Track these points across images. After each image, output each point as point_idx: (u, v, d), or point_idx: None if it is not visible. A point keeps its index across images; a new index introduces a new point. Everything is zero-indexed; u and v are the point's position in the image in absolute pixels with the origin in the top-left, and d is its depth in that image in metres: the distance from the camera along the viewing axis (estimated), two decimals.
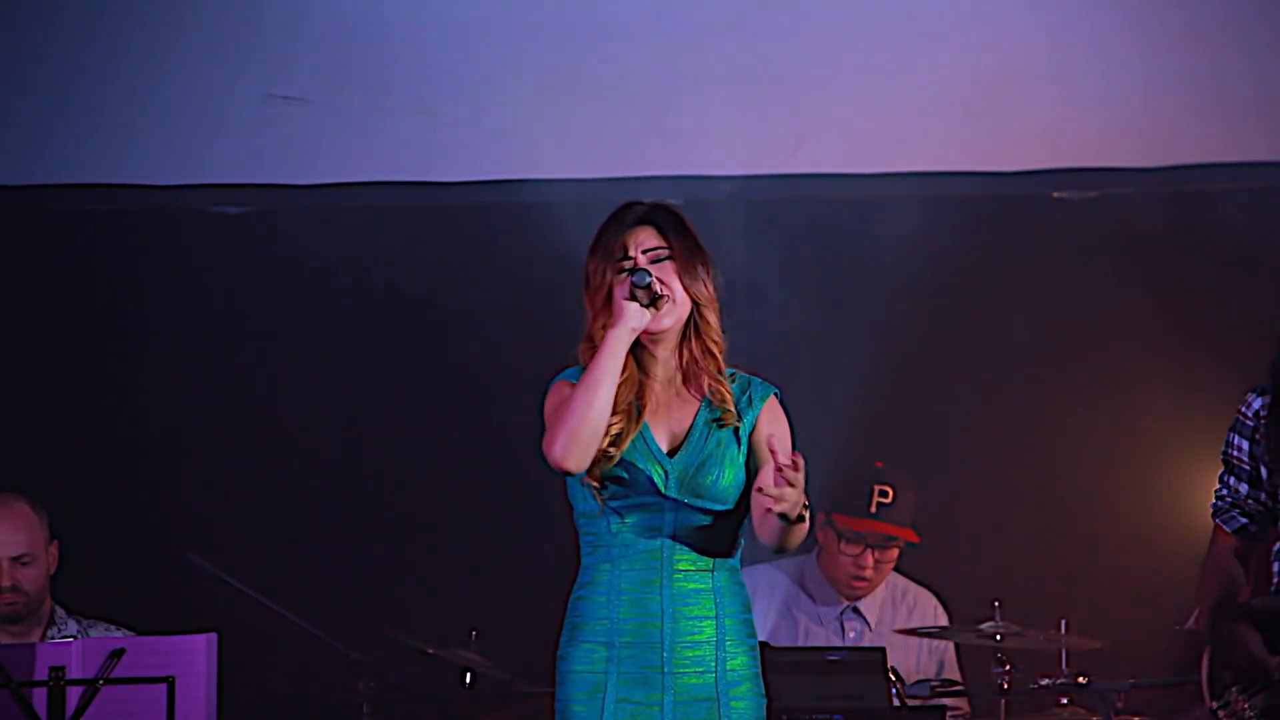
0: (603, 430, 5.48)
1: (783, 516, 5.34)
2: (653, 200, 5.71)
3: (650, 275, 5.50)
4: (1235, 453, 6.08)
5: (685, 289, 5.60)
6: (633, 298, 5.51)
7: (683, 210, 5.70)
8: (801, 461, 5.33)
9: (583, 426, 5.44)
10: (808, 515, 5.45)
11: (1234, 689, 5.99)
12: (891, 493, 8.22)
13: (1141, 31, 8.83)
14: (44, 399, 9.05)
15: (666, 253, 5.60)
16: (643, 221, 5.63)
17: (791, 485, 5.29)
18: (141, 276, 9.07)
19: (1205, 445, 6.30)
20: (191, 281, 9.07)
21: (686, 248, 5.63)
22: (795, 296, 8.60)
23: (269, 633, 8.17)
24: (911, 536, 8.25)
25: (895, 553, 8.35)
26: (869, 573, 8.32)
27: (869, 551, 8.22)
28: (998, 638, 7.89)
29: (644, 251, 5.59)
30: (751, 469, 5.61)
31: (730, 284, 5.71)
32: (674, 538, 5.55)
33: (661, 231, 5.63)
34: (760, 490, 5.38)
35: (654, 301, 5.52)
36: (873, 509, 8.23)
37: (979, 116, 8.88)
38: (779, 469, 5.29)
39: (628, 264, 5.57)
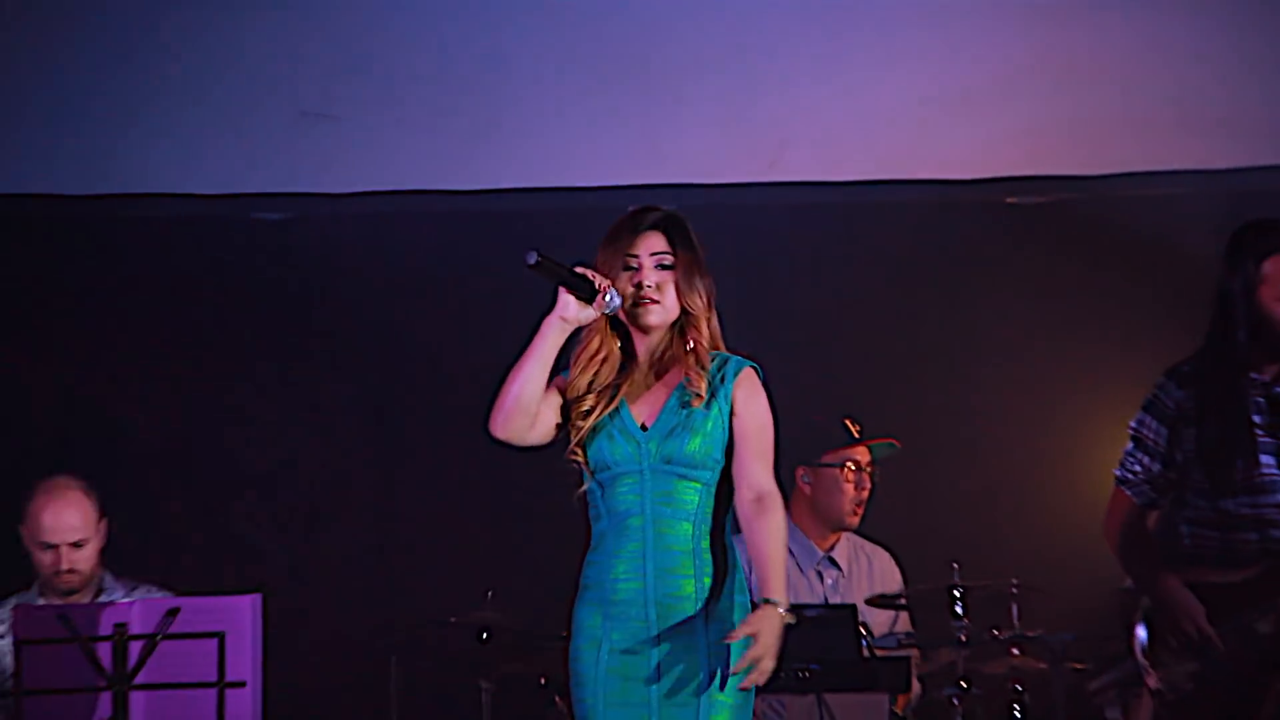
0: (530, 406, 5.52)
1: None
2: (668, 209, 5.68)
3: (537, 260, 5.43)
4: (1151, 435, 6.20)
5: (679, 296, 5.60)
6: (569, 289, 5.49)
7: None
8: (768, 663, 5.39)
9: (509, 400, 5.52)
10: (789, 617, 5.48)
11: (1173, 658, 6.09)
12: (857, 426, 8.27)
13: (1084, 54, 8.86)
14: (106, 387, 8.99)
15: (670, 260, 5.60)
16: (656, 227, 5.62)
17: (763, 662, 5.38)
18: (193, 275, 9.06)
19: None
20: (237, 279, 9.08)
21: (688, 261, 5.61)
22: (774, 287, 8.62)
23: (306, 595, 8.19)
24: (895, 441, 8.29)
25: (869, 482, 8.30)
26: (866, 493, 8.29)
27: (863, 473, 8.24)
28: (957, 594, 7.89)
29: (650, 254, 5.59)
30: (730, 438, 5.59)
31: (721, 280, 5.68)
32: (654, 505, 5.55)
33: (670, 240, 5.61)
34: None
35: (590, 294, 5.50)
36: (856, 434, 8.28)
37: (941, 129, 8.93)
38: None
39: (634, 261, 5.58)
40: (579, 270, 5.52)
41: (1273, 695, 5.94)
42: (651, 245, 5.62)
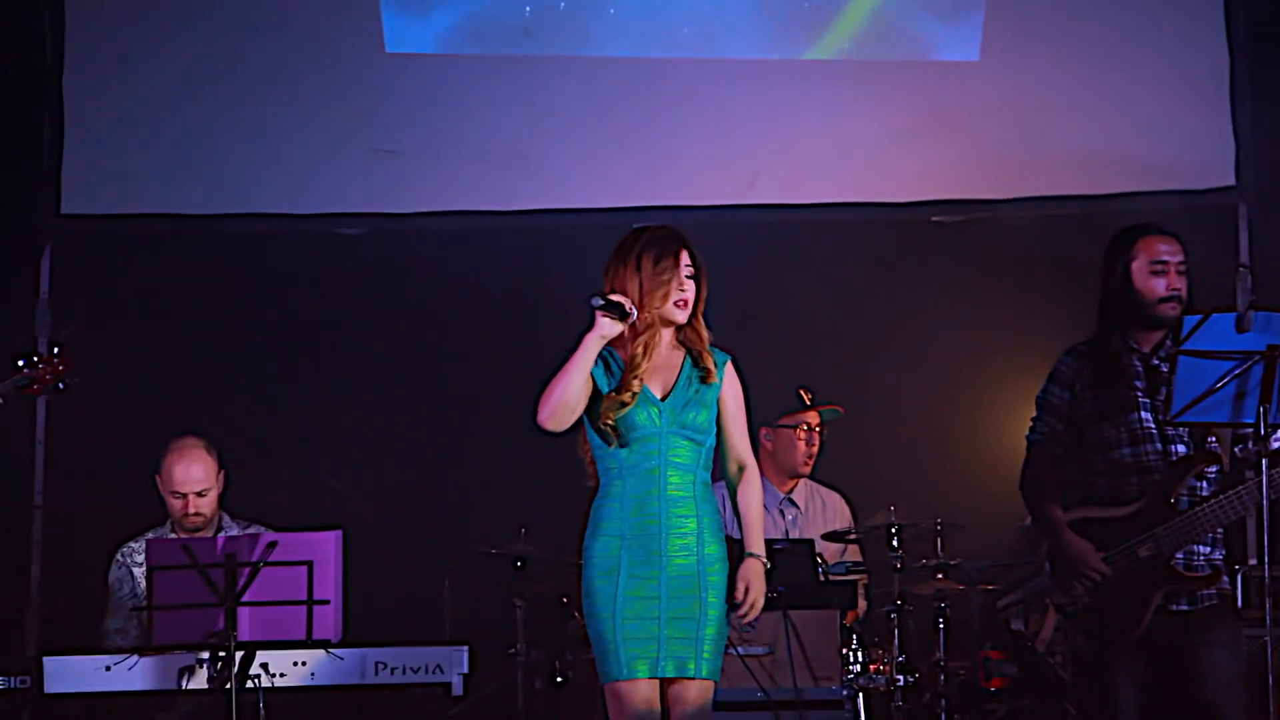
0: (574, 406, 5.56)
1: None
2: (674, 228, 5.72)
3: (602, 303, 5.51)
4: (1054, 398, 6.15)
5: (699, 298, 5.67)
6: (605, 313, 5.52)
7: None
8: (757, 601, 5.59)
9: (556, 401, 5.54)
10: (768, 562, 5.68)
11: (1073, 582, 6.08)
12: (810, 394, 8.25)
13: (993, 103, 8.85)
14: (222, 369, 9.02)
15: (694, 273, 5.65)
16: (686, 247, 5.66)
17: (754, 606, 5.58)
18: (284, 280, 9.03)
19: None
20: (322, 281, 9.06)
21: (702, 272, 5.69)
22: (750, 287, 8.53)
23: (375, 531, 8.19)
24: (839, 408, 8.26)
25: (819, 440, 8.28)
26: (815, 448, 8.24)
27: (814, 432, 8.18)
28: (893, 530, 7.91)
29: (684, 267, 5.62)
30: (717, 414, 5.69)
31: (710, 282, 5.71)
32: (667, 460, 5.61)
33: (693, 258, 5.66)
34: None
35: (623, 316, 5.56)
36: (808, 401, 8.26)
37: (883, 162, 8.90)
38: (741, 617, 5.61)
39: (685, 270, 5.61)
40: (615, 299, 5.55)
41: (1152, 605, 5.94)
42: (684, 260, 5.65)
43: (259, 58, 9.00)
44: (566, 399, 5.56)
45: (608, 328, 5.56)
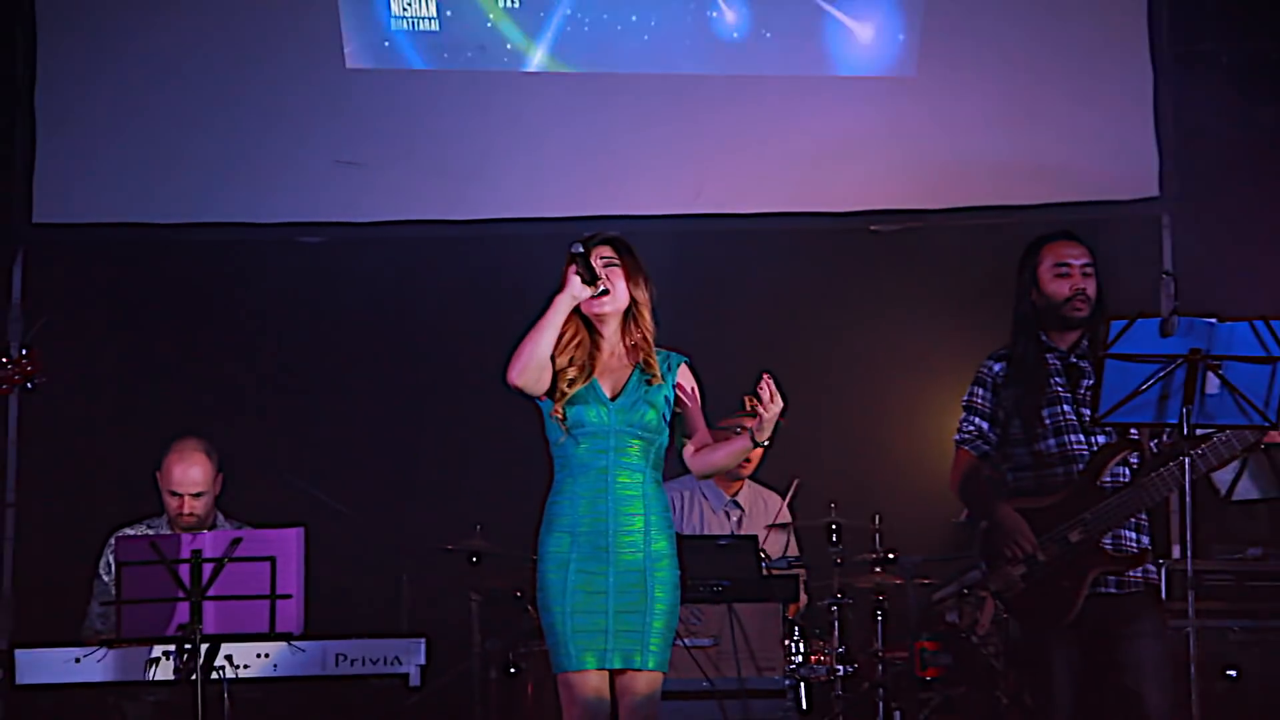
0: (544, 363, 5.59)
1: (755, 440, 5.60)
2: (613, 234, 5.78)
3: (582, 250, 5.58)
4: (979, 400, 6.21)
5: (627, 289, 5.69)
6: (579, 268, 5.57)
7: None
8: (778, 396, 5.57)
9: (529, 358, 5.54)
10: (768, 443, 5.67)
11: (1006, 564, 6.09)
12: (753, 400, 8.23)
13: (925, 119, 8.88)
14: (187, 371, 8.95)
15: (616, 262, 5.67)
16: (604, 242, 5.70)
17: (766, 411, 5.53)
18: (248, 286, 9.02)
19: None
20: (284, 288, 8.98)
21: (630, 263, 5.70)
22: (697, 292, 8.59)
23: (337, 528, 8.13)
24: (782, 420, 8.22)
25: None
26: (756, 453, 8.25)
27: None
28: (834, 527, 7.95)
29: (600, 259, 5.65)
30: (675, 415, 5.72)
31: (660, 286, 5.77)
32: (616, 457, 5.62)
33: (616, 249, 5.70)
34: (744, 413, 5.63)
35: (592, 280, 5.59)
36: (749, 409, 8.25)
37: (823, 174, 8.91)
38: (757, 403, 5.56)
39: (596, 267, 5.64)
40: (593, 263, 5.61)
41: (1085, 586, 5.97)
42: (601, 251, 5.69)
43: (226, 73, 8.95)
44: (537, 355, 5.57)
45: (577, 288, 5.59)
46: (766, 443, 5.63)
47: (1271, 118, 8.66)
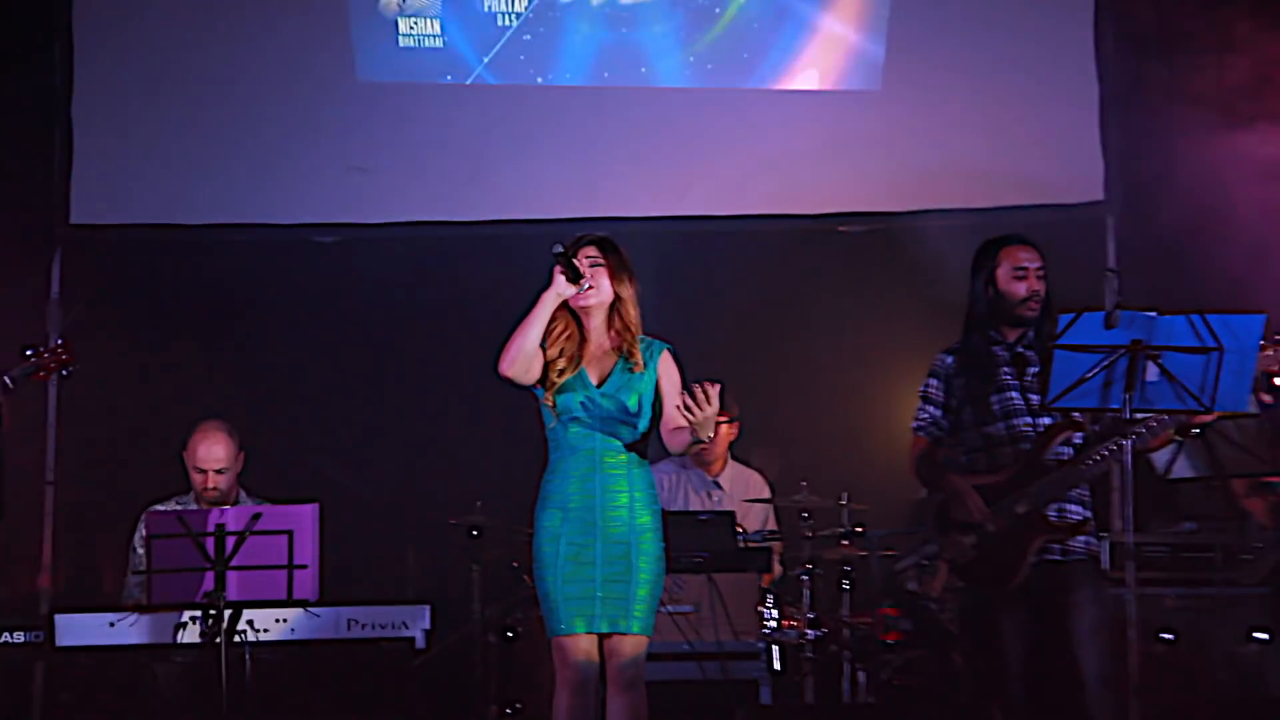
0: (532, 355, 5.62)
1: (695, 437, 5.53)
2: (600, 234, 5.81)
3: (563, 250, 5.61)
4: (933, 391, 6.18)
5: (611, 285, 5.72)
6: (562, 266, 5.60)
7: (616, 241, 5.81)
8: (715, 394, 5.47)
9: (518, 351, 5.59)
10: (714, 434, 5.68)
11: (959, 533, 6.15)
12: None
13: (893, 128, 8.85)
14: (213, 359, 8.93)
15: (601, 261, 5.71)
16: (591, 243, 5.75)
17: (699, 413, 5.44)
18: (268, 281, 8.96)
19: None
20: (301, 284, 8.97)
21: (615, 261, 5.74)
22: (679, 288, 8.49)
23: (350, 504, 8.15)
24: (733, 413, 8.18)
25: (724, 434, 8.20)
26: (720, 446, 8.25)
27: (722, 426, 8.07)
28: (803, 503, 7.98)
29: (586, 258, 5.69)
30: (657, 401, 5.72)
31: (645, 284, 5.80)
32: (602, 440, 5.67)
33: (601, 249, 5.73)
34: (681, 410, 5.49)
35: (575, 278, 5.63)
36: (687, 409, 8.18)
37: (796, 178, 8.89)
38: (681, 405, 5.48)
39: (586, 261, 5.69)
40: (575, 262, 5.64)
41: (1029, 553, 6.02)
42: (587, 251, 5.73)
43: (248, 88, 8.98)
44: (525, 348, 5.61)
45: (563, 286, 5.63)
46: (708, 438, 5.58)
47: (1207, 131, 8.70)
